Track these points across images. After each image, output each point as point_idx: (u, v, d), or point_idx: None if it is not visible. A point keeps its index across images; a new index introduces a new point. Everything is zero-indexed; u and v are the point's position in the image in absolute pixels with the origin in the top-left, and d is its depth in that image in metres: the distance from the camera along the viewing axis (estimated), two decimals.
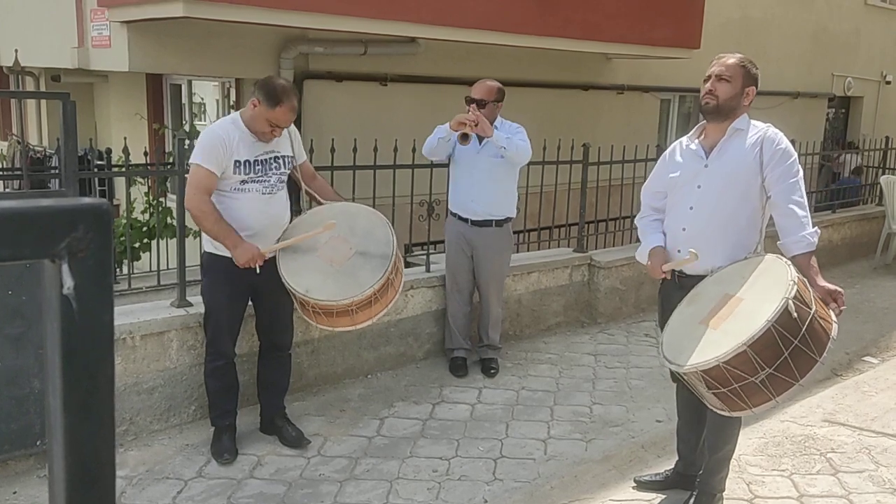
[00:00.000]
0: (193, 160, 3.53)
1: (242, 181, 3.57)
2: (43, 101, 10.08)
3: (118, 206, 7.40)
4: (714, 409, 2.84)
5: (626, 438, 4.11)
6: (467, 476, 3.66)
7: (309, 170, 3.95)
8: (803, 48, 12.49)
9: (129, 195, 5.10)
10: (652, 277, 3.27)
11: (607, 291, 6.05)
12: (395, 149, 4.89)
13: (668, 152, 3.30)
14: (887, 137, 9.44)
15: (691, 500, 3.26)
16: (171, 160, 6.30)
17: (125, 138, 5.22)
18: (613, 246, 6.61)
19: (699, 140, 3.15)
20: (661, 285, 3.34)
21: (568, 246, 6.23)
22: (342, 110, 7.45)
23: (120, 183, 7.89)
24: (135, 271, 5.32)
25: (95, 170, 7.24)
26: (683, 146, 3.21)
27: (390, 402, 4.45)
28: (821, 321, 2.67)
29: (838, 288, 2.84)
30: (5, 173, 7.47)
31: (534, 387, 4.76)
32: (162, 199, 6.50)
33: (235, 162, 3.53)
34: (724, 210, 3.03)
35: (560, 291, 5.86)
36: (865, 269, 8.38)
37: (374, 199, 4.84)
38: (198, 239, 5.59)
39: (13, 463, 3.50)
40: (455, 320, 4.95)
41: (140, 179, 7.05)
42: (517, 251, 5.69)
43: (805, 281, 2.76)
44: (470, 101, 4.59)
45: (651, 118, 10.52)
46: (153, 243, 5.64)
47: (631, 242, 6.49)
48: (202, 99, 8.96)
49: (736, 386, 2.61)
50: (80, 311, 0.54)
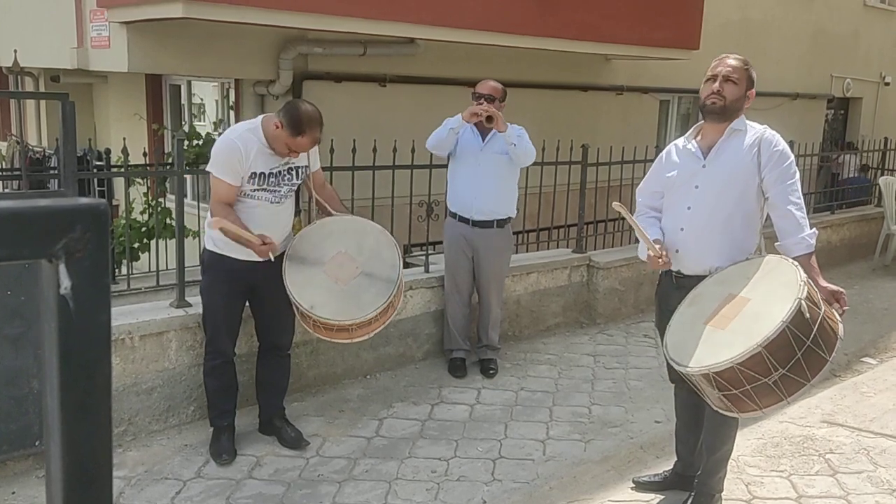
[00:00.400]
0: (214, 171, 3.55)
1: (254, 189, 3.60)
2: (42, 102, 10.07)
3: (117, 206, 7.38)
4: (720, 411, 2.81)
5: (624, 439, 4.11)
6: (466, 477, 3.66)
7: (320, 178, 3.94)
8: (802, 49, 12.49)
9: (128, 196, 5.10)
10: (653, 269, 3.24)
11: (606, 292, 6.05)
12: (394, 149, 4.89)
13: (664, 153, 3.30)
14: (886, 139, 9.45)
15: (690, 501, 3.26)
16: (171, 161, 6.30)
17: (124, 139, 5.23)
18: (612, 247, 6.61)
19: (696, 141, 3.16)
20: (659, 286, 3.34)
21: (567, 247, 6.24)
22: (341, 111, 7.43)
23: (119, 183, 7.89)
24: (134, 272, 5.32)
25: (94, 170, 7.23)
26: (680, 147, 3.22)
27: (389, 403, 4.45)
28: (829, 321, 2.68)
29: (840, 288, 2.85)
30: (5, 174, 7.46)
31: (533, 387, 4.77)
32: (161, 200, 6.50)
33: (251, 174, 3.56)
34: (723, 210, 3.04)
35: (559, 292, 5.86)
36: (864, 270, 8.38)
37: (372, 199, 4.85)
38: (197, 240, 5.62)
39: (12, 463, 3.50)
40: (454, 321, 4.95)
41: (139, 180, 7.05)
42: (516, 252, 5.69)
43: (811, 282, 2.77)
44: (478, 96, 4.61)
45: (650, 119, 10.52)
46: (152, 244, 5.64)
47: (630, 243, 6.48)
48: (201, 99, 8.96)
49: (748, 387, 2.59)
50: (77, 312, 0.54)
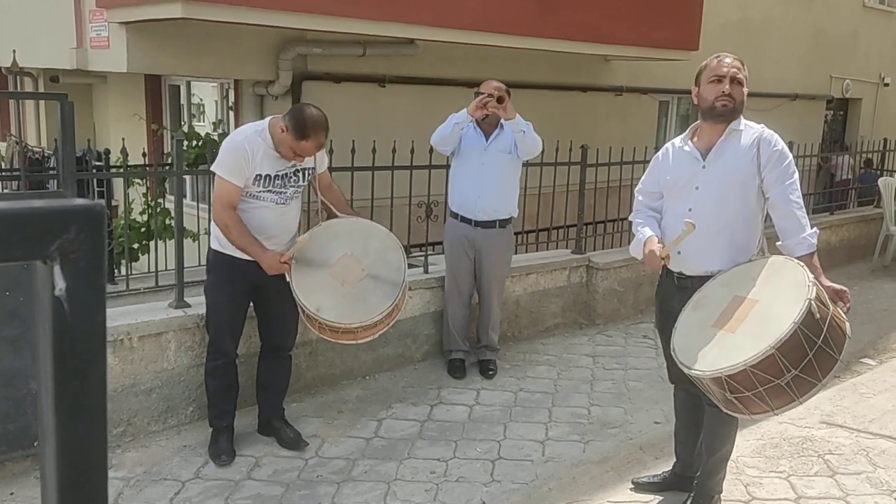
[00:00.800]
0: (218, 172, 3.56)
1: (259, 191, 3.60)
2: (41, 102, 10.07)
3: (116, 206, 7.38)
4: (728, 412, 2.81)
5: (624, 440, 4.11)
6: (465, 477, 3.66)
7: (326, 179, 3.93)
8: (802, 50, 12.50)
9: (127, 196, 5.10)
10: (650, 268, 3.21)
11: (605, 293, 6.05)
12: (394, 150, 4.89)
13: (660, 154, 3.28)
14: (885, 139, 9.45)
15: (689, 502, 3.26)
16: (170, 161, 6.30)
17: (123, 139, 5.22)
18: (612, 247, 6.61)
19: (693, 142, 3.15)
20: (659, 287, 3.33)
21: (566, 247, 6.23)
22: (340, 111, 7.42)
23: (118, 184, 7.89)
24: (133, 272, 5.31)
25: (94, 171, 7.22)
26: (676, 147, 3.20)
27: (388, 404, 4.45)
28: (837, 320, 2.68)
29: (843, 287, 2.85)
30: (4, 174, 7.46)
31: (532, 388, 4.76)
32: (160, 200, 6.49)
33: (257, 175, 3.56)
34: (724, 211, 3.03)
35: (558, 293, 5.86)
36: (864, 270, 8.38)
37: (372, 200, 4.84)
38: (196, 241, 5.62)
39: (10, 464, 3.50)
40: (454, 322, 4.95)
41: (138, 180, 7.05)
42: (515, 252, 5.69)
43: (817, 282, 2.77)
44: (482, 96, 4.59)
45: (649, 120, 10.52)
46: (151, 244, 5.63)
47: (629, 244, 6.46)
48: (201, 100, 8.96)
49: (761, 389, 2.57)
50: (73, 313, 0.54)
